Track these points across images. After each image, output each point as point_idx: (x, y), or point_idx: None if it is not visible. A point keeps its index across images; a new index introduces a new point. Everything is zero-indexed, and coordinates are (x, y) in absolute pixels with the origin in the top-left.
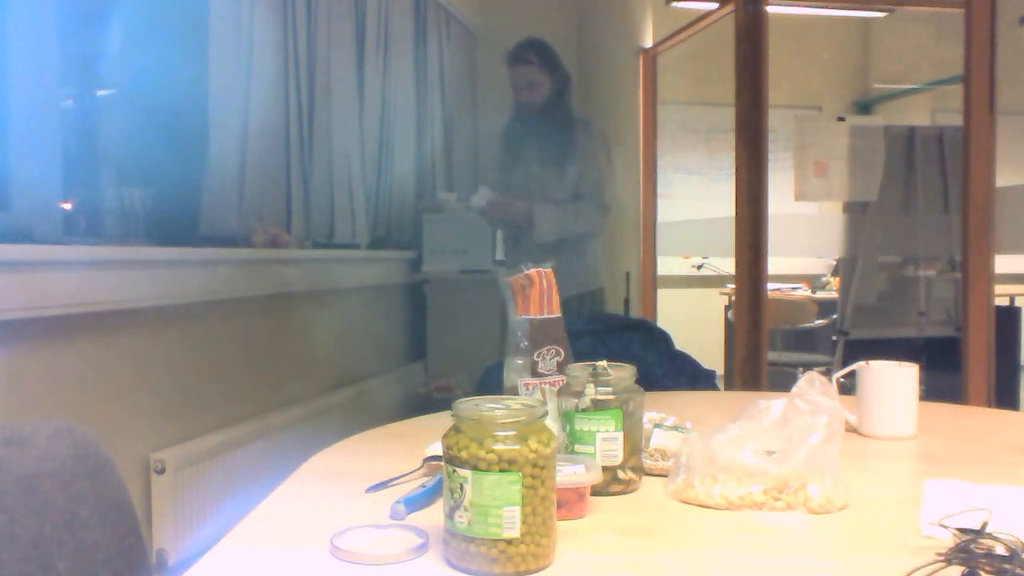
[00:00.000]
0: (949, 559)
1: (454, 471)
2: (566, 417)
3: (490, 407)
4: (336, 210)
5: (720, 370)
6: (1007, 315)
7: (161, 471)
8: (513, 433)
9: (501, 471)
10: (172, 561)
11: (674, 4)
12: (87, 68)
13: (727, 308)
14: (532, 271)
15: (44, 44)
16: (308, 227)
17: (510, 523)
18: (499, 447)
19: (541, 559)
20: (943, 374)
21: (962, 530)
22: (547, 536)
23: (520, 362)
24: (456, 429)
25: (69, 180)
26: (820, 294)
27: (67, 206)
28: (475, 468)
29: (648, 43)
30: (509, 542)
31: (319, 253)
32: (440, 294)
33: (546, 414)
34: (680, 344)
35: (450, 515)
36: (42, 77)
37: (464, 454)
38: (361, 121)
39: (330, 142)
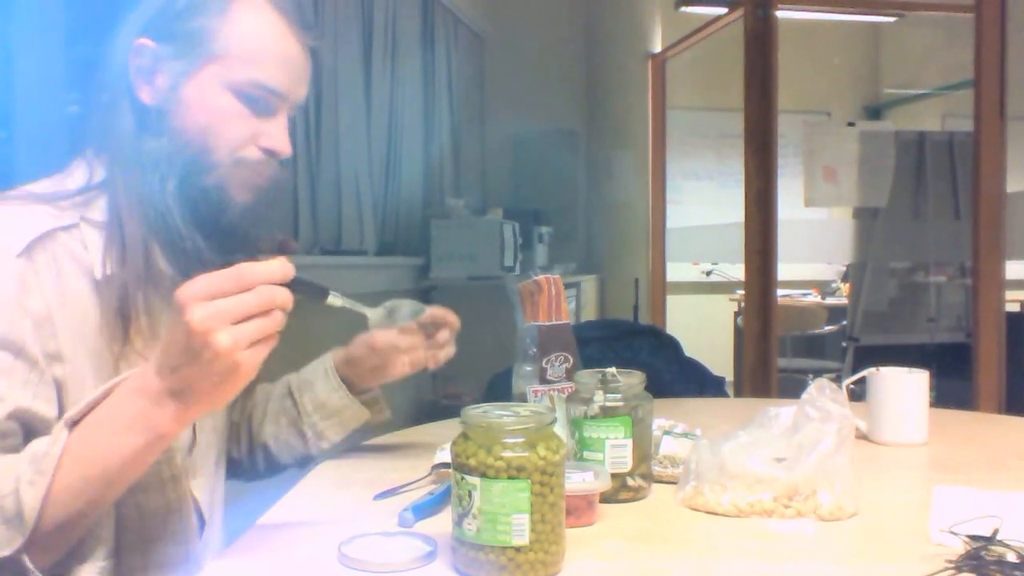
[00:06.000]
0: (959, 566)
1: (463, 478)
2: (575, 424)
3: (499, 414)
4: (343, 216)
5: (730, 377)
6: (1018, 321)
7: None
8: (522, 440)
9: (510, 478)
10: None
11: (683, 9)
12: (92, 72)
13: (736, 314)
14: (541, 277)
15: (50, 48)
16: (315, 233)
17: (519, 530)
18: (508, 454)
19: (550, 566)
20: (954, 380)
21: (973, 537)
22: (556, 543)
23: (529, 369)
24: (465, 436)
25: None
26: (830, 300)
27: None
28: (484, 475)
29: (657, 48)
30: (518, 550)
31: (326, 259)
32: (448, 301)
33: (555, 421)
34: (689, 351)
35: (458, 522)
36: (47, 81)
37: (473, 461)
38: (368, 126)
39: (337, 147)
